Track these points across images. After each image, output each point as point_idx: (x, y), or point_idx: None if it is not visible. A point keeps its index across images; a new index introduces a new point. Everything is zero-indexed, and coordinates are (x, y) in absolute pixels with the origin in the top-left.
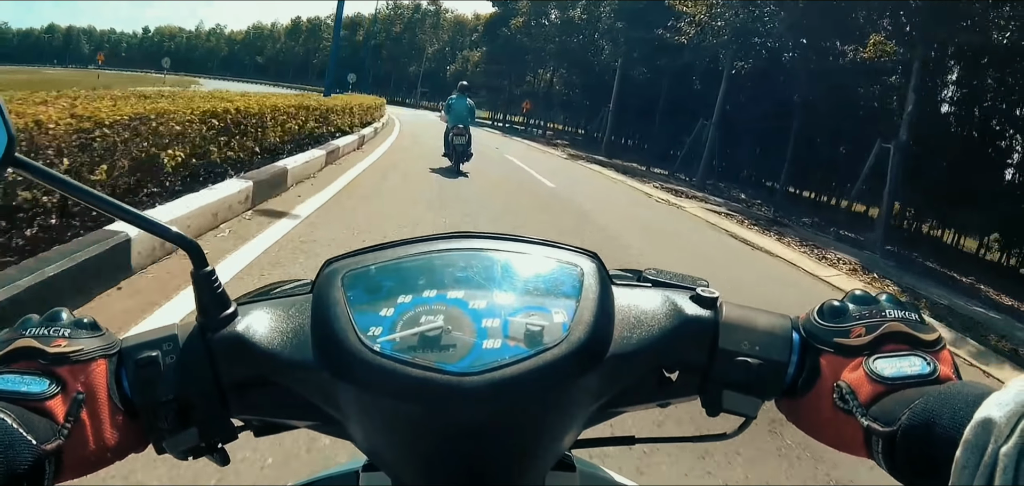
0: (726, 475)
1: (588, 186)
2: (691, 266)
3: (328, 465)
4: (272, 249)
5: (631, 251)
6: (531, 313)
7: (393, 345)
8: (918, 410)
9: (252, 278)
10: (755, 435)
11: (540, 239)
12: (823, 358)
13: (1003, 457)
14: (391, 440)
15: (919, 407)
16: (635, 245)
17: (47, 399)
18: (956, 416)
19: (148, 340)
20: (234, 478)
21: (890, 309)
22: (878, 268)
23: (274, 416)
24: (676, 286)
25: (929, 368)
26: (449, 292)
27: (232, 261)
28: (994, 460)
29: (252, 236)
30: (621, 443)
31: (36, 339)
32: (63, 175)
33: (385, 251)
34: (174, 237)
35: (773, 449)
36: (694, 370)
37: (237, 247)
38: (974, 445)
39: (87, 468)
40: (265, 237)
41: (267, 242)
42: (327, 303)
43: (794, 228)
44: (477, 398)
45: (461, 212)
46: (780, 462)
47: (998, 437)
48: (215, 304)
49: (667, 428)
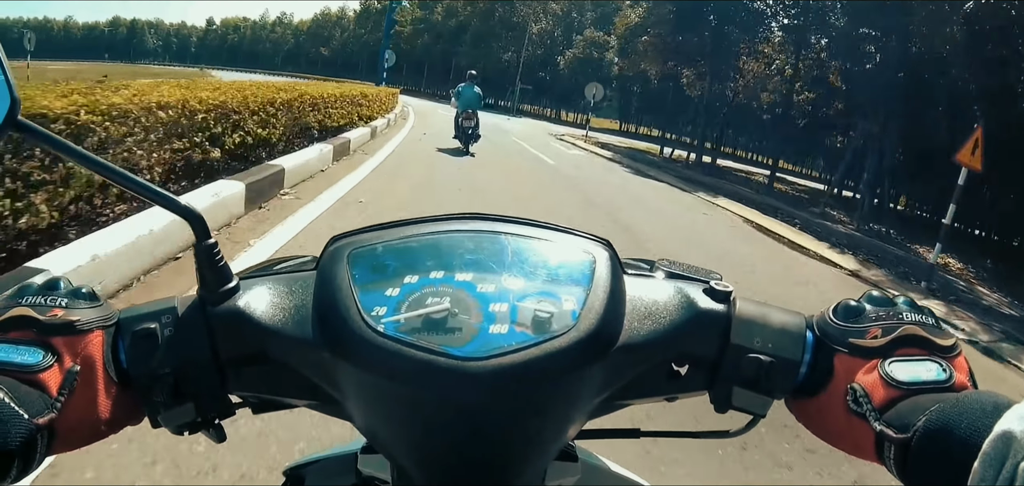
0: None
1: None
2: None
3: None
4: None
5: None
6: (540, 299)
7: (397, 326)
8: (934, 418)
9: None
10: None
11: (552, 224)
12: (837, 358)
13: (1023, 474)
14: (391, 423)
15: (935, 415)
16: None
17: (41, 371)
18: (974, 426)
19: (146, 311)
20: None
21: (907, 312)
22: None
23: (272, 393)
24: (689, 278)
25: (945, 374)
26: (457, 274)
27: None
28: (1013, 475)
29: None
30: (626, 436)
31: (32, 307)
32: (66, 140)
33: (392, 230)
34: (176, 207)
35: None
36: (704, 365)
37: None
38: (993, 458)
39: (81, 441)
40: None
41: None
42: (331, 281)
43: None
44: (481, 384)
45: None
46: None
47: (1017, 452)
48: (216, 277)
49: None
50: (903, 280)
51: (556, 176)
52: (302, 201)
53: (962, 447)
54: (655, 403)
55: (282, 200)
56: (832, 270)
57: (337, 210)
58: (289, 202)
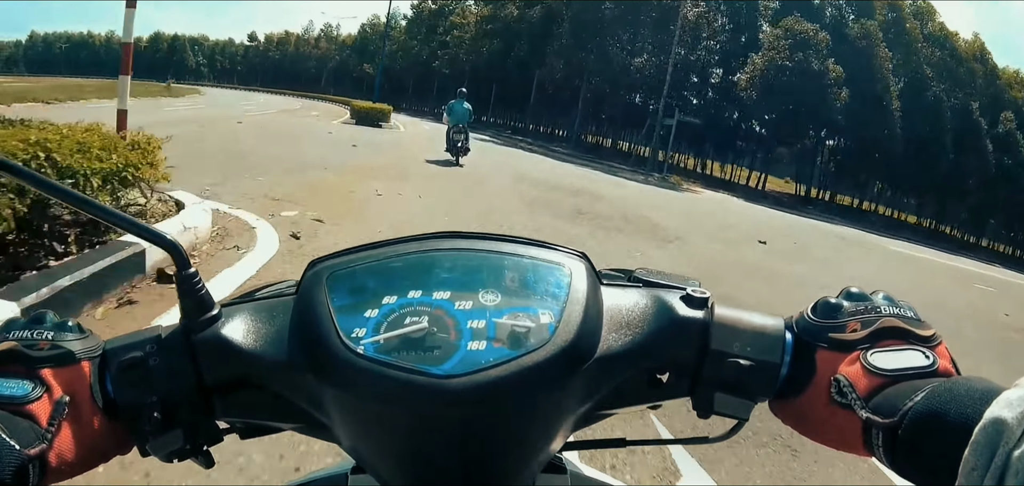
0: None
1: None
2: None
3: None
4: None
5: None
6: (517, 314)
7: (376, 347)
8: (921, 403)
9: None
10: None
11: (528, 239)
12: (818, 354)
13: (1016, 461)
14: (376, 443)
15: (922, 400)
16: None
17: (30, 402)
18: (963, 412)
19: (131, 341)
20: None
21: (885, 306)
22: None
23: (259, 418)
24: (667, 286)
25: (929, 360)
26: (434, 293)
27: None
28: (1005, 462)
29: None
30: (612, 445)
31: (19, 341)
32: (47, 177)
33: (371, 251)
34: (156, 238)
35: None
36: (685, 371)
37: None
38: (984, 445)
39: (71, 471)
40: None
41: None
42: (311, 305)
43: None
44: (462, 400)
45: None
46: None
47: (1009, 439)
48: (198, 306)
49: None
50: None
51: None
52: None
53: (952, 432)
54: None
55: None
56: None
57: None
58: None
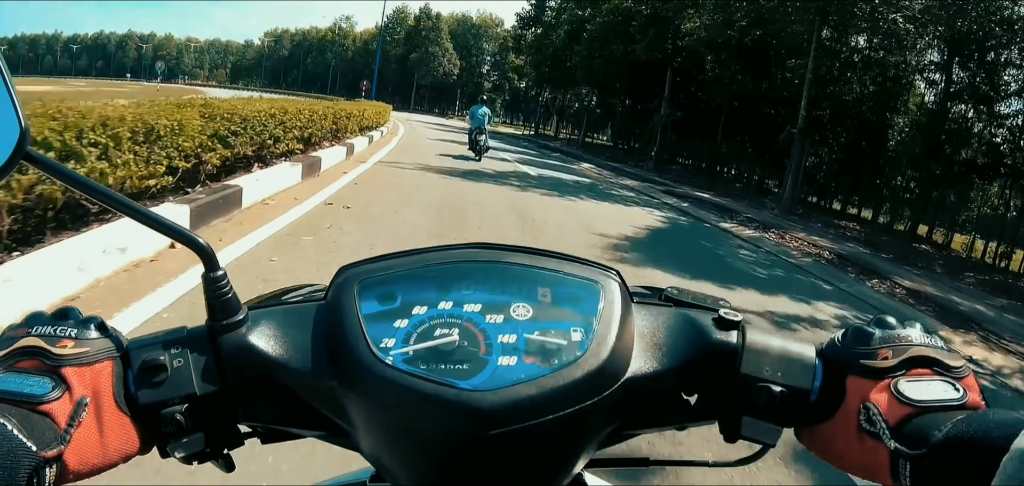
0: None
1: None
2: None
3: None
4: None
5: None
6: (548, 330)
7: (405, 358)
8: (950, 435)
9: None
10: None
11: (561, 253)
12: (849, 380)
13: None
14: (399, 454)
15: (951, 432)
16: None
17: (50, 402)
18: (991, 444)
19: (155, 341)
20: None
21: (916, 335)
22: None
23: (281, 424)
24: (699, 307)
25: (958, 393)
26: (465, 305)
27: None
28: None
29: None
30: (635, 464)
31: (42, 338)
32: (73, 171)
33: (401, 259)
34: (185, 238)
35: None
36: (713, 394)
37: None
38: (1012, 477)
39: (89, 472)
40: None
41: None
42: (339, 312)
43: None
44: (489, 416)
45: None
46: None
47: None
48: (225, 308)
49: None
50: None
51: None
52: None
53: (979, 465)
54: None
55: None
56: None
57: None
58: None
